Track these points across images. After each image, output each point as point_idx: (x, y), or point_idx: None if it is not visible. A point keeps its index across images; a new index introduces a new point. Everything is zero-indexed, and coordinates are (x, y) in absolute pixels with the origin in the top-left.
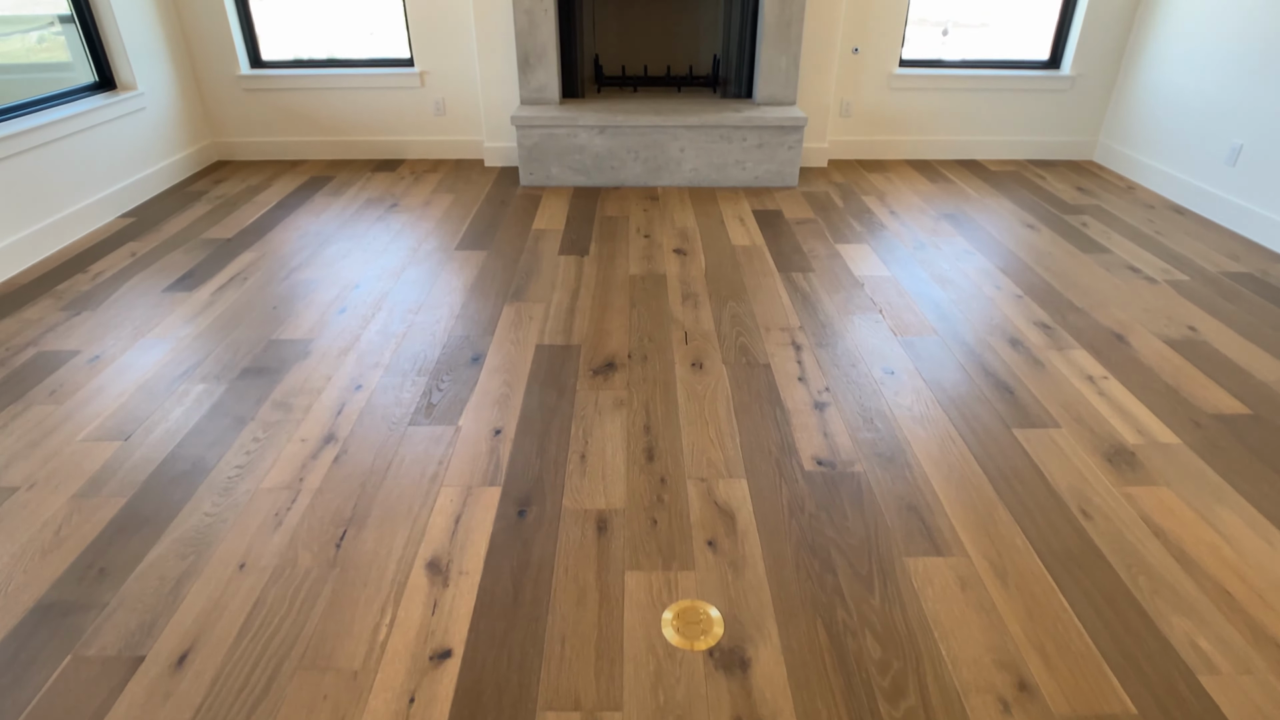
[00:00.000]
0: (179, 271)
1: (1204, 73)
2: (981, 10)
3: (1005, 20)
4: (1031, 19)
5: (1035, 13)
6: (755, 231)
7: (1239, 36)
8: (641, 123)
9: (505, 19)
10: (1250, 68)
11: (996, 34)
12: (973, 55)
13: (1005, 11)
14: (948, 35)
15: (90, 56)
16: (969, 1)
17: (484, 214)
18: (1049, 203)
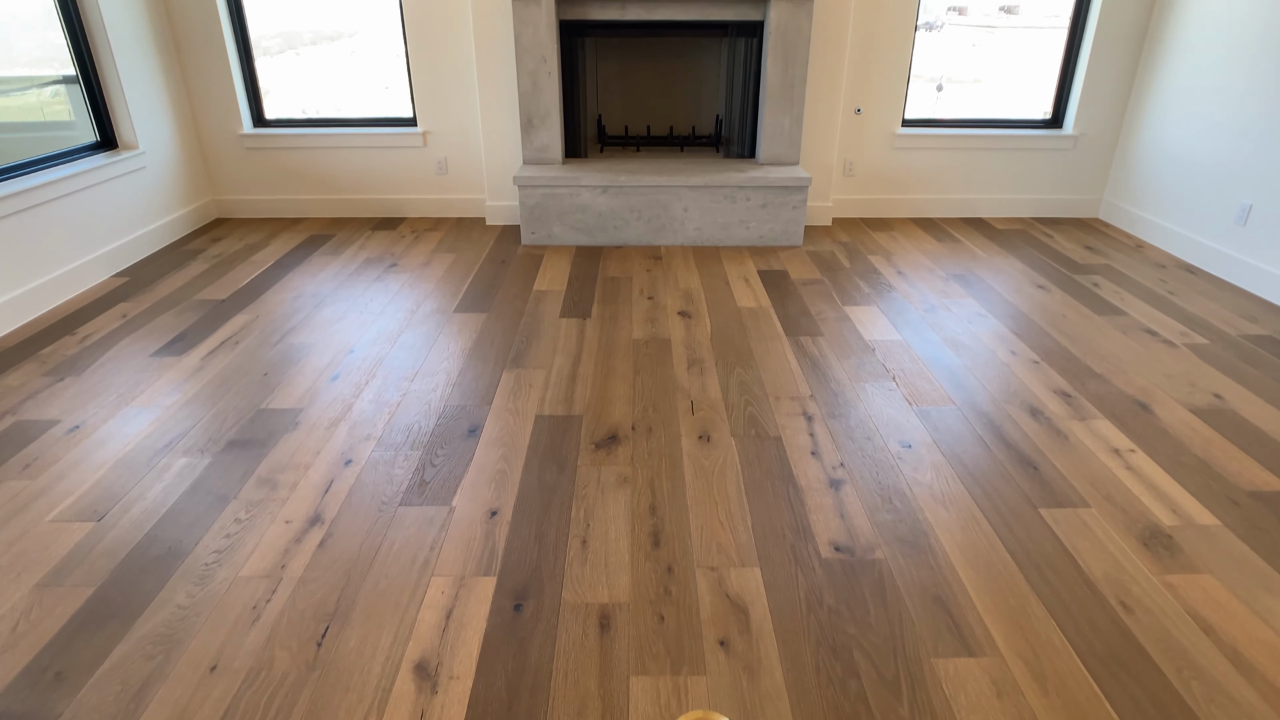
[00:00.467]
0: (169, 334)
1: (1208, 132)
2: (975, 66)
3: (998, 76)
4: (1024, 75)
5: (1028, 69)
6: (761, 293)
7: (1242, 96)
8: (644, 183)
9: (509, 81)
10: (1257, 127)
11: (990, 90)
12: (973, 114)
13: (998, 68)
14: (942, 91)
15: (93, 116)
16: (963, 58)
17: (485, 274)
18: (1058, 262)
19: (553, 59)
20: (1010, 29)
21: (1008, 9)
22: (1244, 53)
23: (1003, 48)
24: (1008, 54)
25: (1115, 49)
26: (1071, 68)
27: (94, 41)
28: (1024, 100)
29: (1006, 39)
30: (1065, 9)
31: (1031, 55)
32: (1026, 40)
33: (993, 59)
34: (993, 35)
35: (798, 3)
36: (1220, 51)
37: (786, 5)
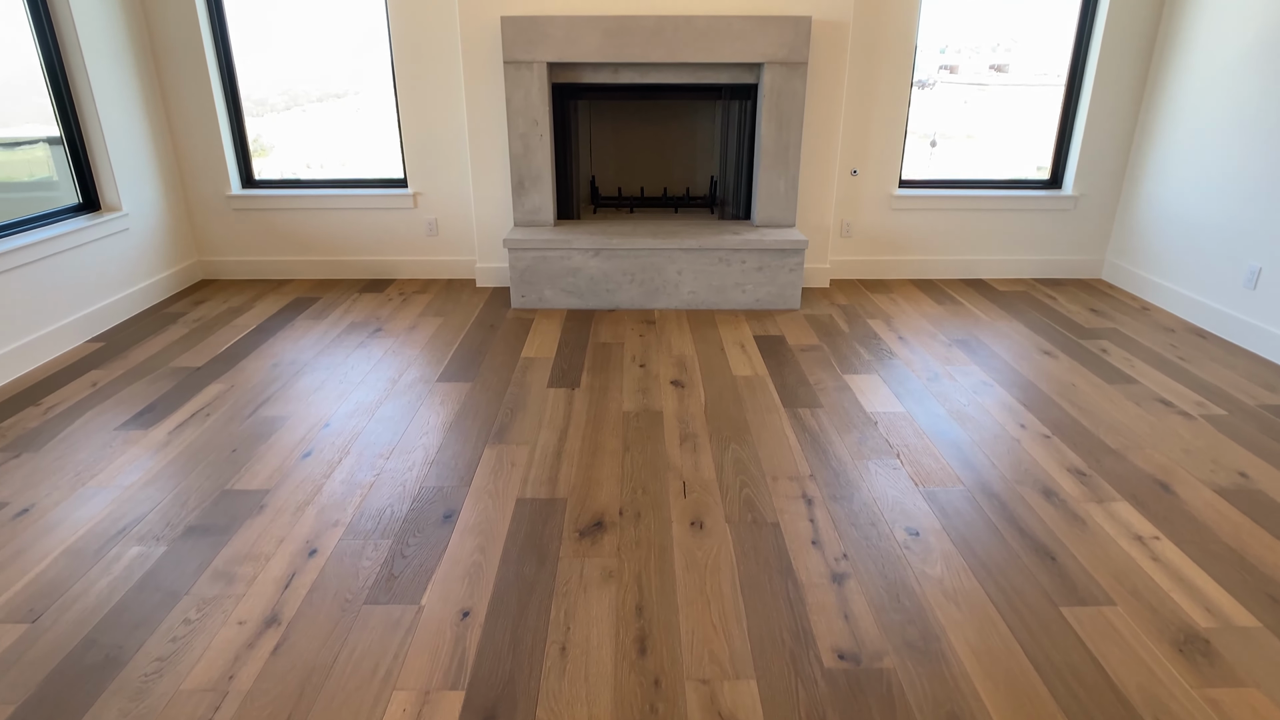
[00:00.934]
0: (139, 405)
1: (1212, 193)
2: (967, 123)
3: (991, 132)
4: (1016, 131)
5: (1020, 125)
6: (758, 360)
7: (1245, 157)
8: (638, 245)
9: (500, 143)
10: (1262, 189)
11: (983, 145)
12: (971, 174)
13: (990, 124)
14: (936, 146)
15: (76, 178)
16: (955, 115)
17: (472, 340)
18: (1063, 326)
19: (545, 122)
20: (1001, 86)
21: (998, 67)
22: (1243, 113)
23: (993, 105)
24: (999, 111)
25: (1112, 109)
26: (1069, 128)
27: (79, 101)
28: (1017, 156)
29: (997, 96)
30: (1054, 67)
31: (1022, 112)
32: (1017, 97)
33: (984, 115)
34: (984, 93)
35: (792, 66)
36: (1219, 112)
37: (781, 69)
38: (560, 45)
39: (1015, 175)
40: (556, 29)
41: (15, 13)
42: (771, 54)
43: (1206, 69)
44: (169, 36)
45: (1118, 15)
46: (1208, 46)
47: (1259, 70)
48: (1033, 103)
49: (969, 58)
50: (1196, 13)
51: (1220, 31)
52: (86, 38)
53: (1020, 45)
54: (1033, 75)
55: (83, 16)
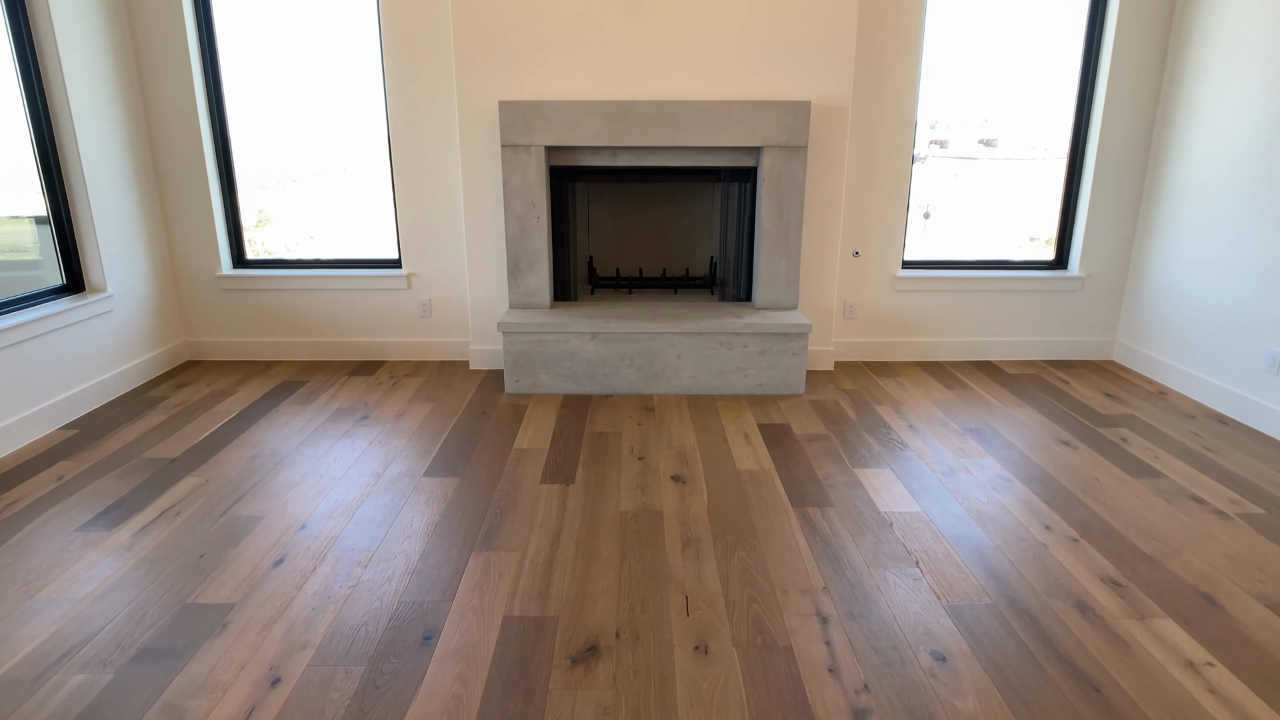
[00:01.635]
0: (105, 502)
1: (1226, 275)
2: (959, 195)
3: (982, 204)
4: (1007, 203)
5: (1009, 197)
6: (762, 452)
7: (1259, 238)
8: (636, 329)
9: (497, 225)
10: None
11: (975, 216)
12: (973, 255)
13: (981, 196)
14: (929, 218)
15: (61, 258)
16: (947, 188)
17: (462, 428)
18: (1079, 413)
19: (542, 204)
20: (990, 160)
21: (987, 142)
22: (1254, 194)
23: (984, 178)
24: (989, 184)
25: (1116, 189)
26: (1072, 208)
27: (69, 179)
28: (1010, 228)
29: (987, 170)
30: (1044, 141)
31: (1013, 185)
32: (1007, 171)
33: (975, 189)
34: (974, 166)
35: (792, 150)
36: (1228, 193)
37: (781, 152)
38: (558, 129)
39: (1020, 256)
40: (555, 113)
41: (7, 86)
42: (771, 138)
43: (1211, 150)
44: (165, 112)
45: (1117, 92)
46: (1211, 126)
47: (1266, 151)
48: (1024, 176)
49: (958, 132)
50: (1197, 93)
51: (1223, 111)
52: (80, 112)
53: (1009, 120)
54: (1020, 149)
55: (77, 91)
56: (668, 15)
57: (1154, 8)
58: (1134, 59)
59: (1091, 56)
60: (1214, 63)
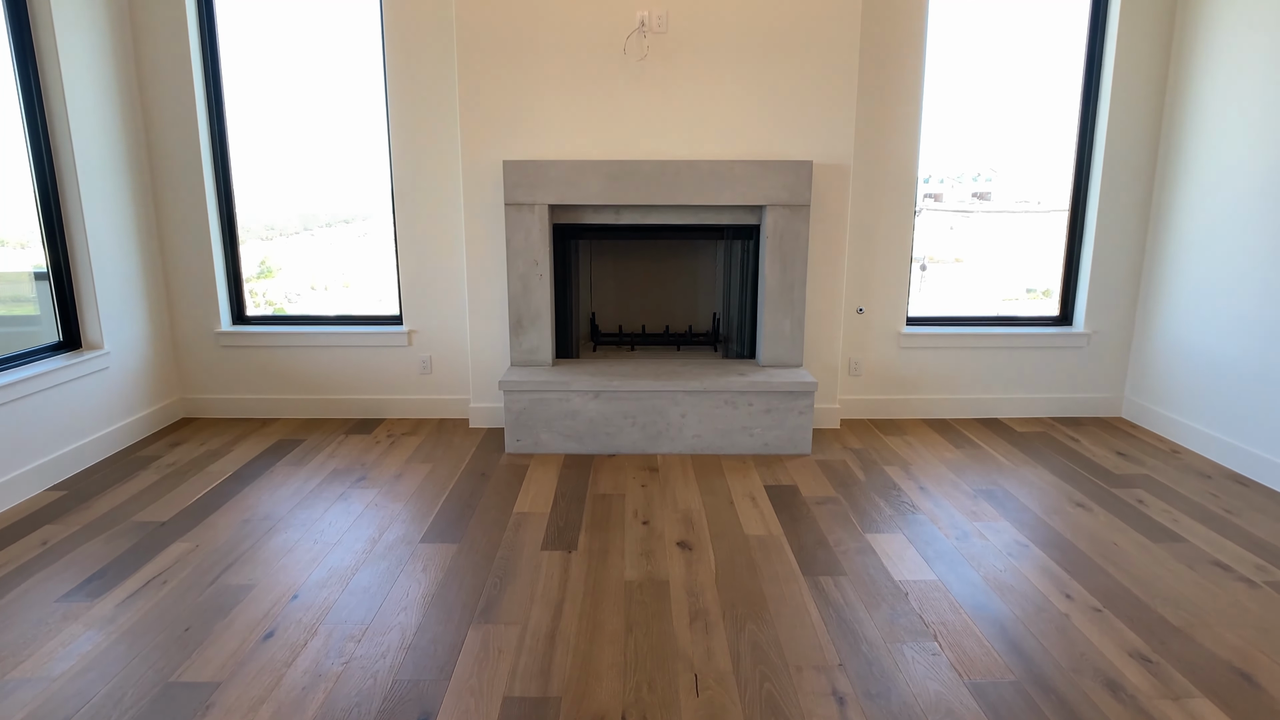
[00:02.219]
0: (90, 569)
1: (1236, 332)
2: (954, 247)
3: (979, 257)
4: (1001, 254)
5: (1004, 249)
6: (770, 515)
7: (1266, 295)
8: (639, 387)
9: (499, 282)
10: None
11: (971, 269)
12: (978, 311)
13: (976, 249)
14: (925, 270)
15: (58, 315)
16: (942, 241)
17: (461, 490)
18: (1091, 472)
19: (545, 261)
20: (984, 214)
21: (980, 195)
22: (1263, 250)
23: (979, 231)
24: (984, 237)
25: (1118, 244)
26: (1075, 263)
27: (70, 233)
28: (1007, 279)
29: (981, 222)
30: (1038, 194)
31: (1008, 237)
32: (1001, 223)
33: (970, 242)
34: (968, 220)
35: (794, 209)
36: (1233, 245)
37: (783, 211)
38: (562, 188)
39: (1024, 312)
40: (558, 173)
41: (12, 135)
42: (774, 197)
43: (1216, 204)
44: (170, 163)
45: (1116, 145)
46: (1214, 180)
47: (1275, 206)
48: (1020, 228)
49: (952, 187)
50: (1197, 147)
51: (1226, 165)
52: (84, 163)
53: (1006, 172)
54: (1014, 203)
55: (82, 143)
56: (669, 78)
57: (1150, 59)
58: (1132, 111)
59: (1089, 109)
60: (1214, 116)
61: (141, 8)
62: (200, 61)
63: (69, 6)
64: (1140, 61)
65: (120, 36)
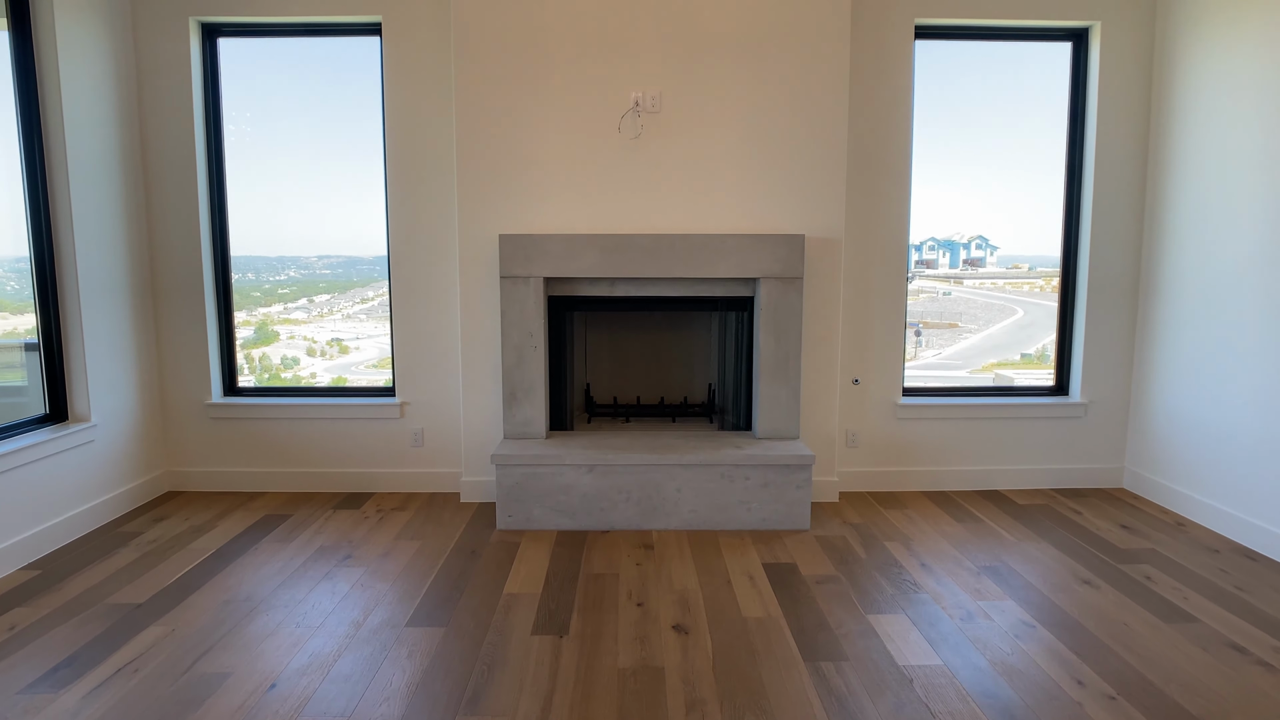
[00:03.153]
0: (57, 657)
1: (1234, 404)
2: (948, 312)
3: (973, 320)
4: (996, 320)
5: (998, 315)
6: (769, 596)
7: (1263, 364)
8: (634, 461)
9: (494, 354)
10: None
11: (966, 334)
12: (974, 382)
13: (970, 314)
14: (921, 335)
15: (46, 385)
16: (936, 306)
17: (450, 569)
18: (1096, 547)
19: (539, 334)
20: (974, 279)
21: (971, 262)
22: (1259, 320)
23: (970, 296)
24: (977, 302)
25: (1110, 314)
26: (1068, 332)
27: (64, 300)
28: (1001, 346)
29: (973, 288)
30: (1029, 260)
31: (1000, 304)
32: (993, 289)
33: (964, 306)
34: (960, 286)
35: (787, 281)
36: (1227, 315)
37: (777, 283)
38: (557, 261)
39: (1020, 382)
40: (554, 246)
41: (12, 202)
42: (767, 269)
43: (1208, 272)
44: (168, 229)
45: (1103, 217)
46: (1205, 249)
47: (1269, 275)
48: (1013, 296)
49: (944, 254)
50: (1184, 216)
51: (1214, 230)
52: (82, 232)
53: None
54: (1005, 270)
55: (82, 209)
56: (663, 154)
57: (1130, 122)
58: (1116, 176)
59: (1074, 176)
60: (1198, 182)
61: (148, 76)
62: (203, 128)
63: (75, 66)
64: (1121, 125)
65: (126, 104)
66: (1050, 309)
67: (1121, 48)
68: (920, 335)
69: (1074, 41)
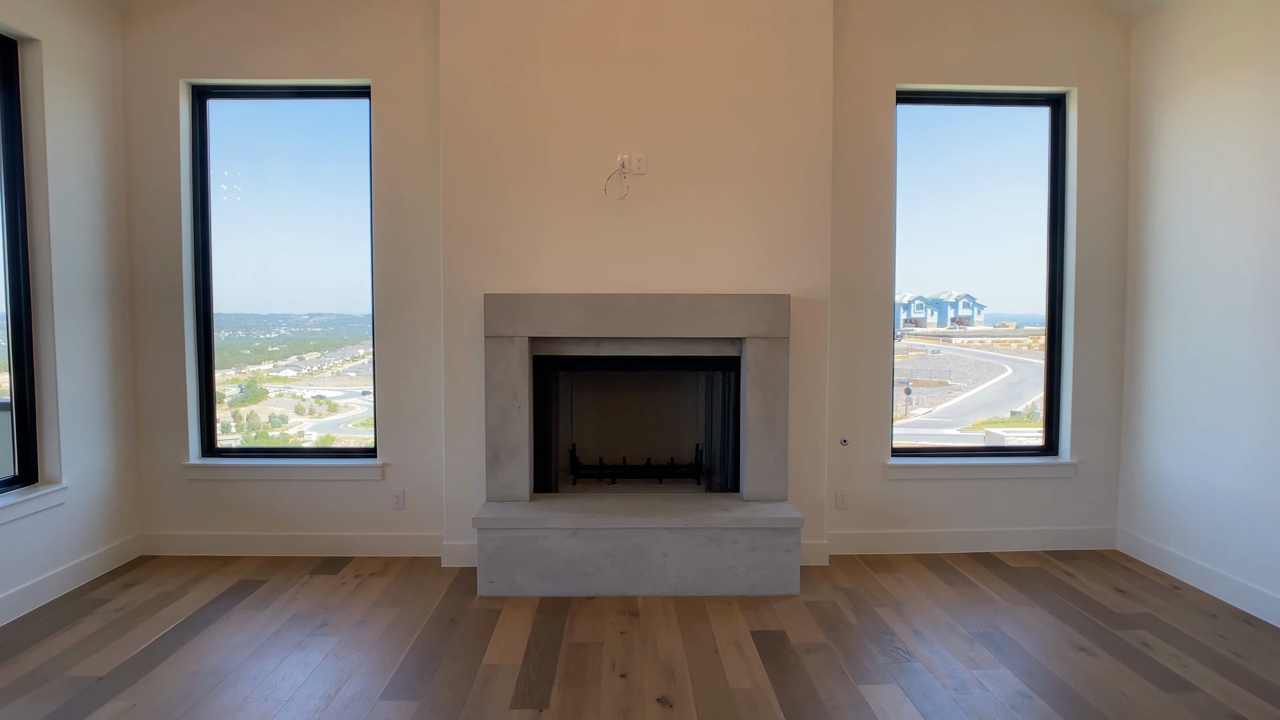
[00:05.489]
0: None
1: (1226, 467)
2: (937, 369)
3: (963, 378)
4: (983, 376)
5: (986, 371)
6: (758, 666)
7: (1253, 427)
8: (619, 524)
9: (477, 415)
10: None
11: (955, 388)
12: (963, 443)
13: (958, 370)
14: (911, 393)
15: (15, 445)
16: (925, 364)
17: (428, 638)
18: (1091, 611)
19: (524, 393)
20: (961, 337)
21: (959, 320)
22: (1250, 383)
23: (959, 354)
24: (965, 359)
25: (1097, 374)
26: (1056, 392)
27: (39, 358)
28: (992, 401)
29: (961, 345)
30: (1014, 319)
31: (987, 361)
32: (980, 347)
33: (952, 364)
34: (948, 343)
35: (774, 341)
36: (1215, 372)
37: (763, 343)
38: (542, 321)
39: (1010, 442)
40: (539, 306)
41: None
42: (753, 329)
43: (1191, 331)
44: (150, 289)
45: (1086, 279)
46: (1183, 306)
47: (1258, 338)
48: (1000, 353)
49: (931, 312)
50: (1164, 270)
51: (1199, 288)
52: (61, 286)
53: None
54: (993, 329)
55: (61, 264)
56: (649, 215)
57: (1110, 181)
58: (1097, 234)
59: (1057, 233)
60: (1178, 236)
61: (137, 138)
62: (190, 187)
63: (62, 128)
64: (1100, 186)
65: (113, 166)
66: (1038, 366)
67: (1098, 112)
68: (910, 393)
69: (1052, 106)
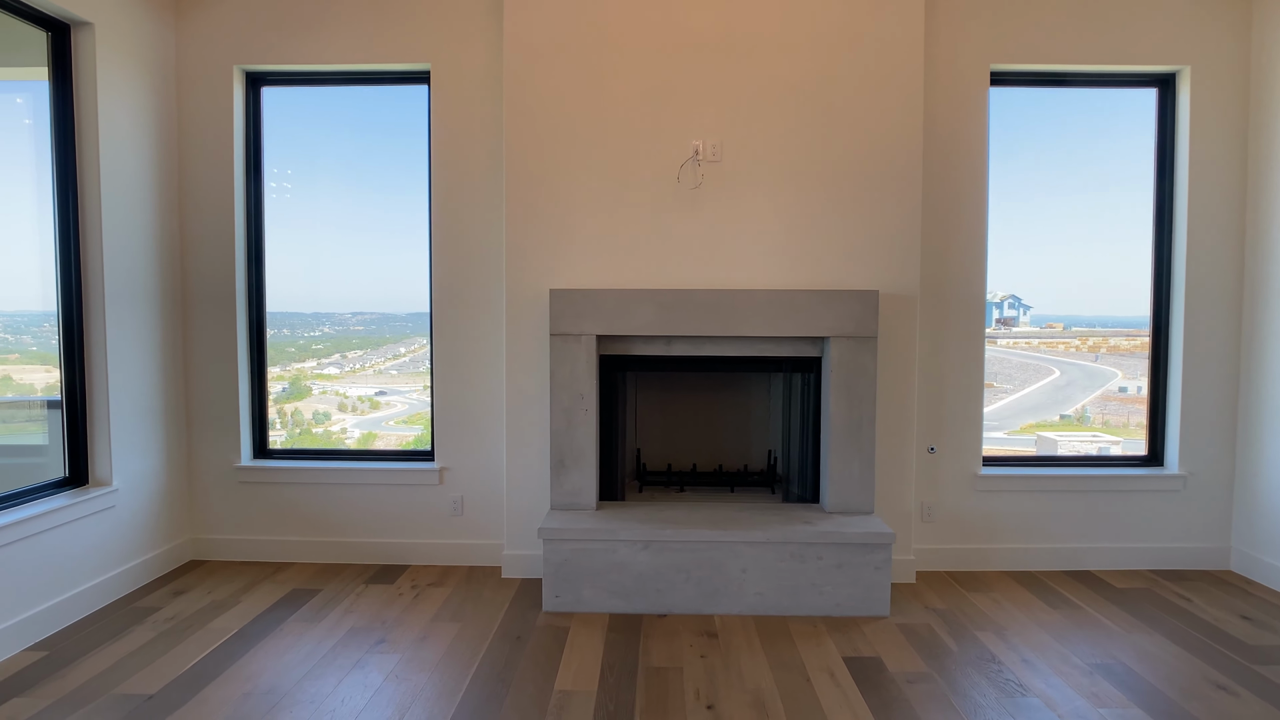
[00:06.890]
0: None
1: None
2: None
3: (1008, 380)
4: (1034, 379)
5: (1036, 376)
6: (857, 699)
7: None
8: (694, 537)
9: (541, 418)
10: None
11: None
12: (1061, 452)
13: (1008, 373)
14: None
15: (66, 447)
16: (1016, 367)
17: (494, 659)
18: (1220, 642)
19: (591, 395)
20: (1007, 338)
21: (1004, 321)
22: None
23: (1004, 355)
24: (1011, 361)
25: (1209, 377)
26: (1161, 398)
27: (90, 355)
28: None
29: (1006, 347)
30: (1116, 314)
31: (1034, 364)
32: (1026, 349)
33: (998, 366)
34: (993, 345)
35: (861, 340)
36: None
37: (848, 343)
38: (611, 318)
39: (1113, 452)
40: (608, 301)
41: (41, 258)
42: (838, 328)
43: None
44: (203, 287)
45: (1197, 272)
46: None
47: None
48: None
49: (1024, 312)
50: None
51: None
52: (113, 284)
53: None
54: (1039, 330)
55: (115, 264)
56: (724, 206)
57: (1226, 170)
58: (1211, 226)
59: (1163, 228)
60: None
61: (190, 127)
62: (243, 180)
63: (115, 118)
64: (1216, 175)
65: (166, 157)
66: (1088, 369)
67: (1213, 92)
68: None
69: (1160, 87)
